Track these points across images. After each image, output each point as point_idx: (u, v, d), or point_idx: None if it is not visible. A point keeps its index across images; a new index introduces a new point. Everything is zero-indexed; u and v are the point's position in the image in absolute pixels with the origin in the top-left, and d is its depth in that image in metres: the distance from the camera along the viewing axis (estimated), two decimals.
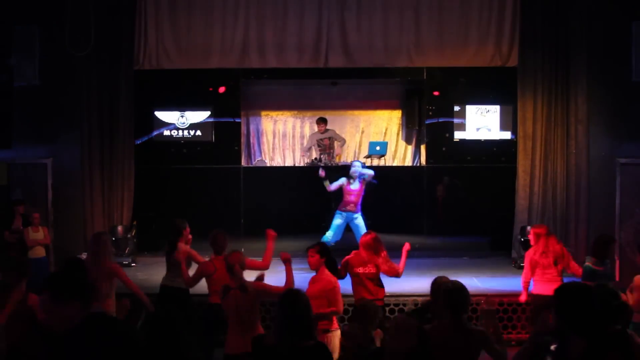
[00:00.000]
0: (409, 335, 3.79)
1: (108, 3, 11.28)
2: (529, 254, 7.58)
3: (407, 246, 7.26)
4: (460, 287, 4.53)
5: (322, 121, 12.20)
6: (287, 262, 6.03)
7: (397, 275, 7.08)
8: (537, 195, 11.36)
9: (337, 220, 10.15)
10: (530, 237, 7.77)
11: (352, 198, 10.11)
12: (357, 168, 10.20)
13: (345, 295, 6.58)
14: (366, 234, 7.32)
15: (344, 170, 11.57)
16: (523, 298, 7.75)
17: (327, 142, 12.18)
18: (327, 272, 6.36)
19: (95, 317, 3.28)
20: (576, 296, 3.74)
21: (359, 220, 10.12)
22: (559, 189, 11.34)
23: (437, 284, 5.28)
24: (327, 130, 12.22)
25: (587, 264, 7.05)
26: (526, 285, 7.59)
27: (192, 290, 7.29)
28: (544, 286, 7.28)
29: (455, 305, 4.43)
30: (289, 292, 4.12)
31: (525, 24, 11.33)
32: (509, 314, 8.48)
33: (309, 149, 12.38)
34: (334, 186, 10.31)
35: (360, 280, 6.87)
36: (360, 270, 6.88)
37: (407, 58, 11.66)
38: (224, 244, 6.96)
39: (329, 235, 10.07)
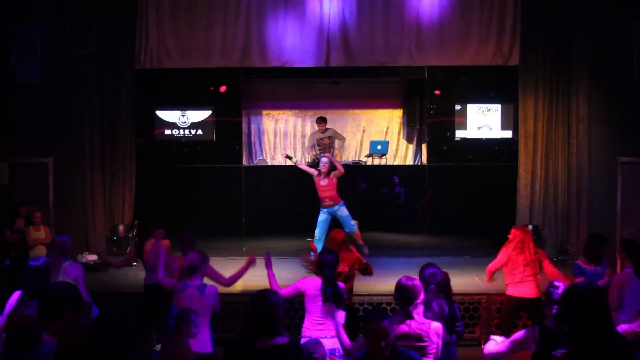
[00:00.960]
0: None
1: (109, 2, 11.29)
2: (507, 250, 7.51)
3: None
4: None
5: (321, 120, 12.21)
6: (249, 265, 6.43)
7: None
8: (538, 194, 11.37)
9: (321, 217, 10.13)
10: (511, 237, 7.65)
11: (326, 193, 10.05)
12: (325, 164, 10.08)
13: None
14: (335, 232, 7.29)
15: (355, 169, 11.59)
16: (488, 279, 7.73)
17: (327, 142, 12.19)
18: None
19: (99, 323, 3.30)
20: (581, 298, 3.78)
21: (342, 211, 10.07)
22: (560, 188, 11.35)
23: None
24: (327, 129, 12.23)
25: (577, 262, 7.11)
26: (491, 271, 7.60)
27: None
28: (519, 288, 7.27)
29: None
30: (260, 291, 4.07)
31: (527, 22, 11.33)
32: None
33: (312, 147, 12.38)
34: (303, 166, 10.48)
35: None
36: None
37: (408, 57, 11.65)
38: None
39: (317, 234, 10.07)
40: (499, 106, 11.86)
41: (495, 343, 4.62)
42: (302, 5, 11.59)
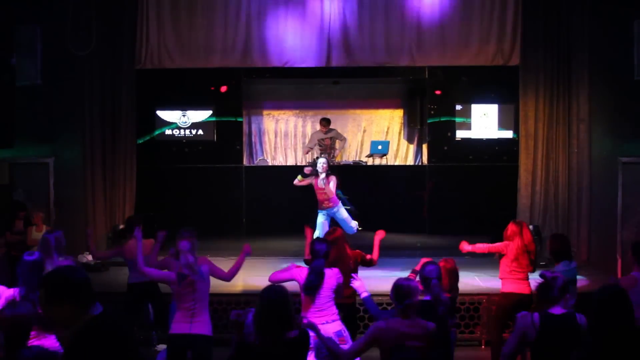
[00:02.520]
0: None
1: (109, 2, 11.29)
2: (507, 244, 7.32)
3: (380, 234, 7.21)
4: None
5: (325, 121, 12.19)
6: (245, 254, 6.58)
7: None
8: (539, 194, 11.36)
9: (320, 219, 10.06)
10: (509, 233, 7.46)
11: (324, 196, 9.95)
12: (323, 165, 9.95)
13: None
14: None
15: (344, 170, 11.59)
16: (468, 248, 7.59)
17: (328, 142, 12.17)
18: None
19: (100, 317, 3.30)
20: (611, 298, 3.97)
21: (341, 213, 9.99)
22: (560, 188, 11.34)
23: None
24: (329, 130, 12.21)
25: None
26: (481, 250, 7.46)
27: None
28: (516, 285, 7.13)
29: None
30: (268, 287, 4.18)
31: (527, 22, 11.33)
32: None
33: (313, 147, 12.33)
34: (300, 183, 10.25)
35: None
36: None
37: (409, 57, 11.66)
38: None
39: (316, 235, 10.04)
40: (499, 106, 11.84)
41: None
42: (303, 5, 11.60)
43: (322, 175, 9.88)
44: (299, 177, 10.23)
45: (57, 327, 3.33)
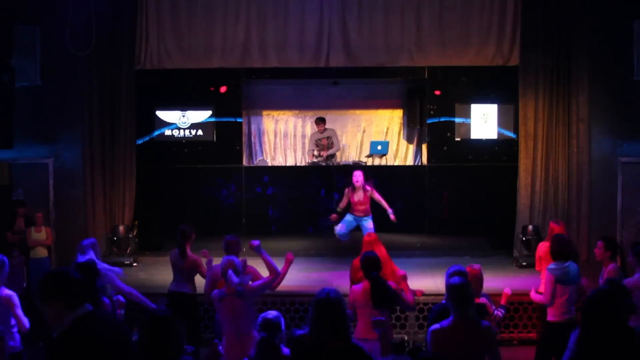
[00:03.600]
0: None
1: (109, 2, 11.28)
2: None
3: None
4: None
5: (320, 121, 12.19)
6: (287, 263, 6.28)
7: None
8: (538, 195, 11.36)
9: (348, 217, 10.22)
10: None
11: (359, 207, 10.12)
12: (358, 177, 10.07)
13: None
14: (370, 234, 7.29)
15: (344, 171, 11.58)
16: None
17: (325, 142, 12.16)
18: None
19: (84, 318, 3.31)
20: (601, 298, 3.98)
21: (368, 224, 10.09)
22: (560, 188, 11.33)
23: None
24: (326, 129, 12.21)
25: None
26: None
27: None
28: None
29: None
30: (323, 291, 3.95)
31: (527, 23, 11.32)
32: (511, 313, 8.47)
33: (312, 149, 12.29)
34: (341, 204, 10.34)
35: None
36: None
37: (408, 57, 11.65)
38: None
39: (340, 227, 10.20)
40: (499, 106, 11.82)
41: None
42: (302, 6, 11.59)
43: (359, 189, 10.08)
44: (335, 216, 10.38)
45: (50, 327, 3.36)
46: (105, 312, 3.44)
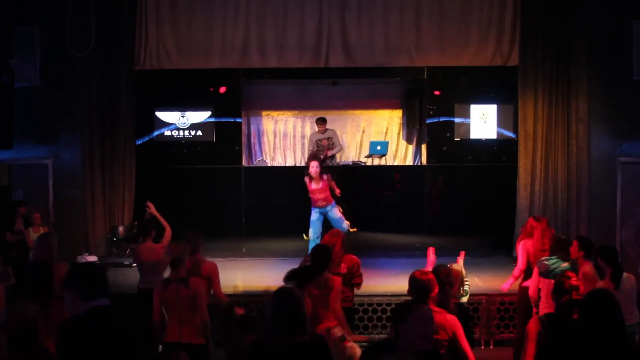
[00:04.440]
0: None
1: (108, 3, 11.29)
2: (525, 245, 7.27)
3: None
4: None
5: (321, 121, 12.18)
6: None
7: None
8: (538, 195, 11.36)
9: (314, 216, 9.98)
10: (527, 228, 7.42)
11: (318, 196, 9.85)
12: (315, 169, 9.78)
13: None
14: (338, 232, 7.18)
15: (343, 171, 11.58)
16: (507, 287, 7.66)
17: (325, 143, 12.16)
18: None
19: (96, 310, 3.39)
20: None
21: (333, 213, 9.88)
22: (560, 188, 11.34)
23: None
24: (327, 130, 12.20)
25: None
26: (518, 276, 7.39)
27: None
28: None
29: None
30: (282, 288, 4.07)
31: (526, 23, 11.33)
32: (510, 314, 8.48)
33: (313, 149, 12.27)
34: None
35: None
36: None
37: (407, 57, 11.65)
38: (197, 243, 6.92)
39: (311, 234, 9.96)
40: (498, 106, 11.83)
41: None
42: (302, 6, 11.60)
43: (315, 177, 9.78)
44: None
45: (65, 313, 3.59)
46: (119, 309, 3.55)
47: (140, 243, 7.58)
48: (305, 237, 10.14)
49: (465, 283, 6.64)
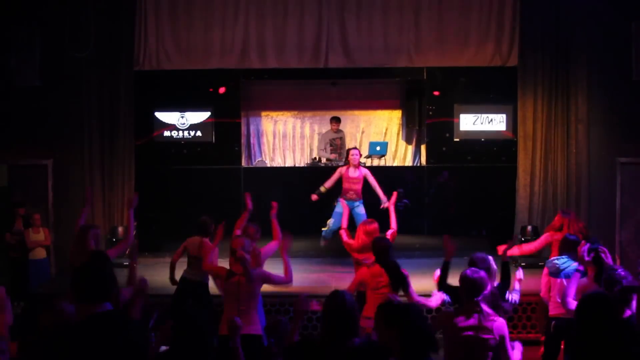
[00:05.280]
0: None
1: (108, 4, 11.28)
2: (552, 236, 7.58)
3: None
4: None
5: (336, 120, 12.16)
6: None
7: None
8: (537, 195, 11.36)
9: (338, 208, 9.84)
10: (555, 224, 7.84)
11: (353, 186, 9.88)
12: (356, 156, 9.91)
13: None
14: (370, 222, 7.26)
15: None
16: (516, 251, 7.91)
17: (338, 142, 12.17)
18: None
19: (103, 315, 3.33)
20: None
21: (360, 209, 9.90)
22: (559, 189, 11.34)
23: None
24: (339, 130, 12.22)
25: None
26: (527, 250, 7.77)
27: None
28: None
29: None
30: (335, 292, 4.07)
31: (525, 23, 11.33)
32: (510, 314, 8.47)
33: (324, 148, 12.28)
34: (328, 183, 10.17)
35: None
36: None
37: (407, 58, 11.65)
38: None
39: (329, 223, 9.94)
40: (498, 107, 11.86)
41: None
42: (301, 7, 11.58)
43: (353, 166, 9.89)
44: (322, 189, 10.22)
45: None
46: (123, 313, 3.49)
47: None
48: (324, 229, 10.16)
49: None
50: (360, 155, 10.12)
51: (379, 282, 6.16)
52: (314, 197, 10.24)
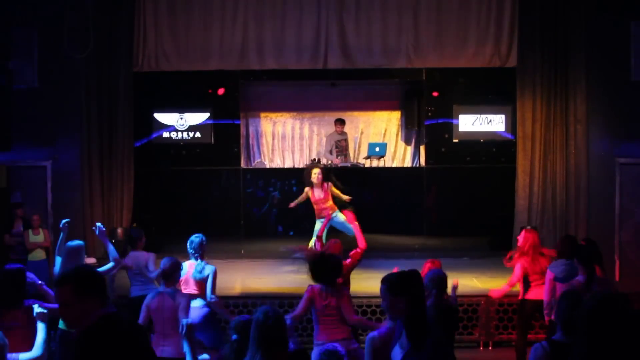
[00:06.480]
0: None
1: (107, 5, 11.29)
2: (522, 263, 7.31)
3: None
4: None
5: (340, 122, 12.15)
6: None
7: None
8: (536, 196, 11.36)
9: (317, 226, 9.64)
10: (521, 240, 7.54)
11: (322, 205, 9.64)
12: (318, 175, 9.63)
13: None
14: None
15: (342, 172, 11.58)
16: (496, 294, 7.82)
17: (344, 144, 12.17)
18: None
19: (111, 316, 3.34)
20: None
21: (338, 217, 9.56)
22: (558, 189, 11.34)
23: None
24: (343, 132, 12.22)
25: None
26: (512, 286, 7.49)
27: None
28: (538, 291, 7.07)
29: None
30: (263, 313, 3.85)
31: (524, 24, 11.33)
32: (509, 315, 8.47)
33: (330, 150, 12.26)
34: (294, 203, 10.04)
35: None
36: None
37: (406, 59, 11.66)
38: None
39: (312, 243, 9.85)
40: (497, 108, 11.84)
41: None
42: (300, 8, 11.60)
43: (318, 187, 9.65)
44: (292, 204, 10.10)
45: (72, 323, 3.41)
46: (126, 315, 3.49)
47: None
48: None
49: None
50: (323, 174, 9.72)
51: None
52: (292, 205, 10.11)
